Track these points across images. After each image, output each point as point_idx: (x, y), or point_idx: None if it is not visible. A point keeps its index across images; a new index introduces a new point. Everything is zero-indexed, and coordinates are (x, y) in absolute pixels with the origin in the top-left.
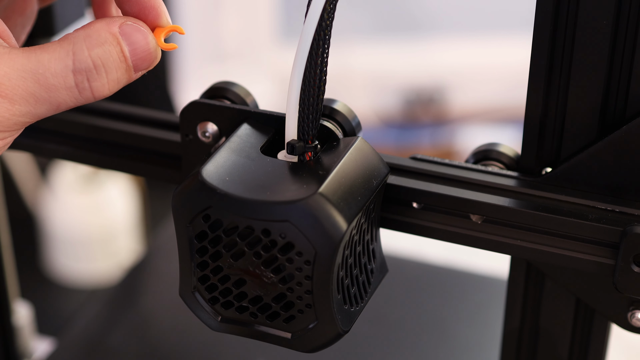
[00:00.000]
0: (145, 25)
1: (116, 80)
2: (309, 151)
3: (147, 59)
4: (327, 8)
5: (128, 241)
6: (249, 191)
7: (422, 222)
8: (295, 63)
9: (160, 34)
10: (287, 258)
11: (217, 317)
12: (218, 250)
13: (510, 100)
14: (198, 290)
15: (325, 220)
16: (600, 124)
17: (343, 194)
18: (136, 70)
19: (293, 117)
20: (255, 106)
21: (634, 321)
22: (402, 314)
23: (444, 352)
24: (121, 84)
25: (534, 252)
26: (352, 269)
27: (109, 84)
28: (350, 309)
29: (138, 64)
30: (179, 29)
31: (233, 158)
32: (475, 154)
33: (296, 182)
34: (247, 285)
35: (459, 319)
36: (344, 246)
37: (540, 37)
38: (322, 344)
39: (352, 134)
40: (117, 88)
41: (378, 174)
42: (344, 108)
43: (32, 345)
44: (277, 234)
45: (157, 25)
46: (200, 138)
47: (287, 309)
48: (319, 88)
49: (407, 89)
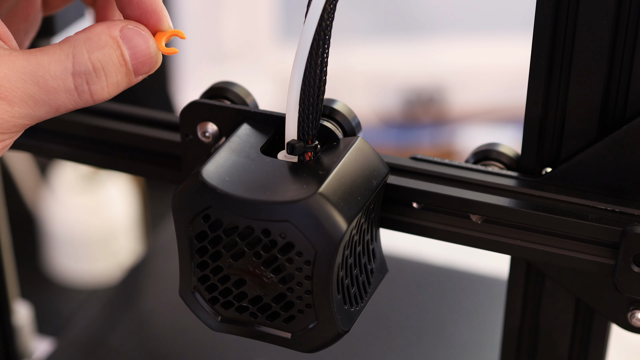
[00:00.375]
0: (146, 29)
1: (116, 83)
2: (309, 151)
3: (147, 63)
4: (327, 8)
5: (128, 241)
6: (249, 191)
7: (422, 222)
8: (295, 63)
9: (161, 38)
10: (287, 258)
11: (217, 317)
12: (218, 250)
13: (510, 100)
14: (198, 290)
15: (325, 220)
16: (600, 124)
17: (343, 194)
18: (136, 74)
19: (293, 117)
20: (255, 106)
21: (634, 321)
22: (402, 314)
23: (444, 352)
24: (121, 88)
25: (534, 252)
26: (352, 269)
27: (109, 87)
28: (350, 309)
29: (138, 68)
30: (181, 34)
31: (233, 158)
32: (475, 154)
33: (296, 182)
34: (247, 285)
35: (459, 319)
36: (344, 246)
37: (540, 37)
38: (322, 344)
39: (352, 134)
40: (117, 92)
41: (378, 174)
42: (344, 108)
43: (32, 345)
44: (277, 234)
45: (159, 30)
46: (200, 138)
47: (287, 309)
48: (319, 88)
49: (407, 89)
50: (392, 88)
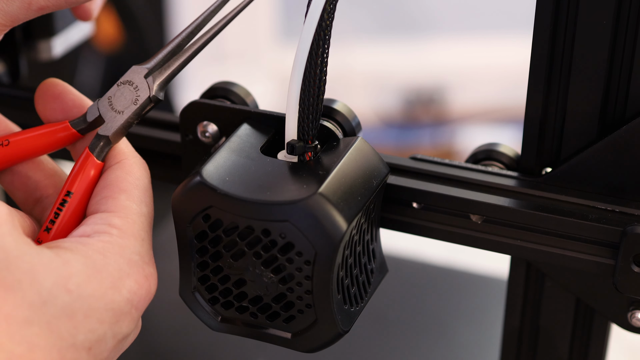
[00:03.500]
0: None
1: None
2: (308, 151)
3: None
4: (327, 8)
5: None
6: (249, 191)
7: (422, 222)
8: (295, 63)
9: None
10: (287, 258)
11: (217, 317)
12: (218, 250)
13: (510, 100)
14: (198, 290)
15: (325, 220)
16: (600, 124)
17: (343, 194)
18: None
19: (293, 117)
20: (255, 106)
21: (634, 321)
22: (402, 314)
23: (444, 352)
24: None
25: (534, 252)
26: (352, 269)
27: None
28: (350, 309)
29: None
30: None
31: (233, 158)
32: (475, 154)
33: (296, 182)
34: (247, 285)
35: (459, 319)
36: (344, 246)
37: (540, 37)
38: (322, 344)
39: (352, 134)
40: None
41: (378, 174)
42: (344, 108)
43: None
44: (277, 234)
45: None
46: (200, 138)
47: (287, 309)
48: (319, 88)
49: (407, 89)
50: (392, 88)
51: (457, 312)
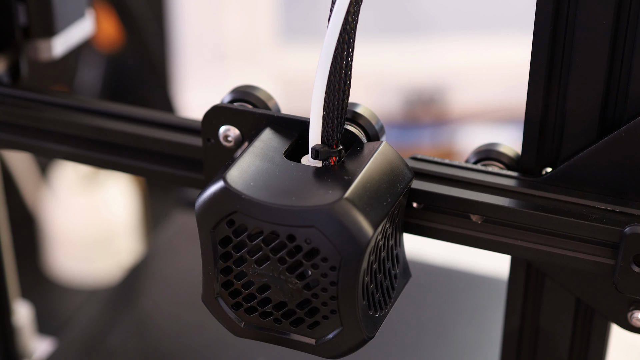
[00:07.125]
0: None
1: None
2: (333, 156)
3: None
4: (350, 10)
5: (128, 241)
6: (274, 196)
7: (422, 222)
8: (320, 67)
9: None
10: (312, 264)
11: (241, 323)
12: (242, 255)
13: (510, 100)
14: (221, 296)
15: (351, 225)
16: (600, 124)
17: (369, 199)
18: None
19: (317, 121)
20: (278, 110)
21: (634, 321)
22: (402, 314)
23: (444, 352)
24: None
25: (534, 252)
26: (376, 275)
27: None
28: (375, 314)
29: None
30: None
31: (257, 163)
32: (475, 154)
33: (321, 187)
34: (271, 291)
35: (459, 319)
36: (370, 252)
37: (540, 37)
38: (346, 350)
39: (376, 138)
40: None
41: (403, 179)
42: (366, 112)
43: (32, 345)
44: (302, 240)
45: None
46: (222, 142)
47: (312, 315)
48: (343, 92)
49: (407, 89)
50: (392, 88)
51: (457, 312)
